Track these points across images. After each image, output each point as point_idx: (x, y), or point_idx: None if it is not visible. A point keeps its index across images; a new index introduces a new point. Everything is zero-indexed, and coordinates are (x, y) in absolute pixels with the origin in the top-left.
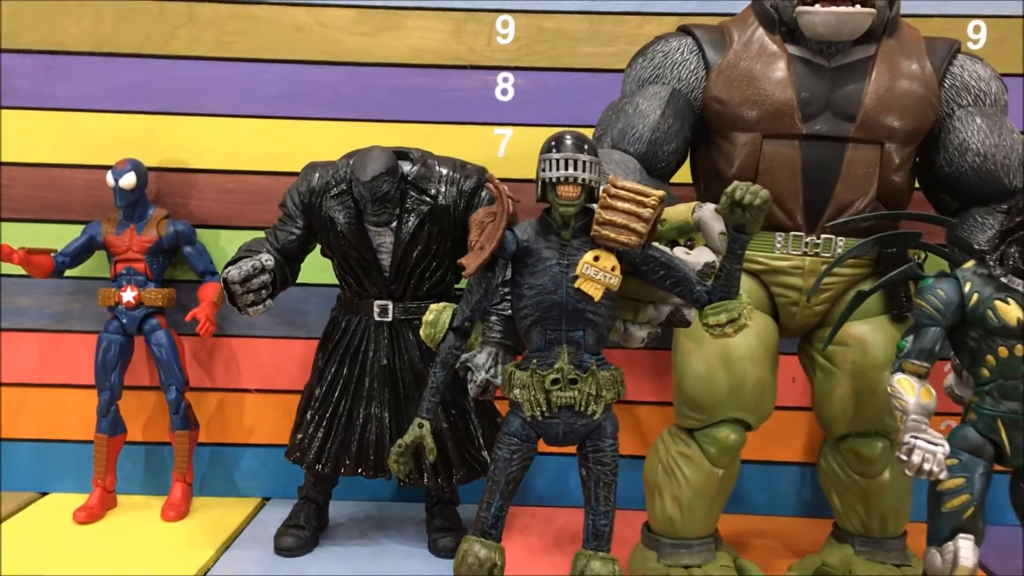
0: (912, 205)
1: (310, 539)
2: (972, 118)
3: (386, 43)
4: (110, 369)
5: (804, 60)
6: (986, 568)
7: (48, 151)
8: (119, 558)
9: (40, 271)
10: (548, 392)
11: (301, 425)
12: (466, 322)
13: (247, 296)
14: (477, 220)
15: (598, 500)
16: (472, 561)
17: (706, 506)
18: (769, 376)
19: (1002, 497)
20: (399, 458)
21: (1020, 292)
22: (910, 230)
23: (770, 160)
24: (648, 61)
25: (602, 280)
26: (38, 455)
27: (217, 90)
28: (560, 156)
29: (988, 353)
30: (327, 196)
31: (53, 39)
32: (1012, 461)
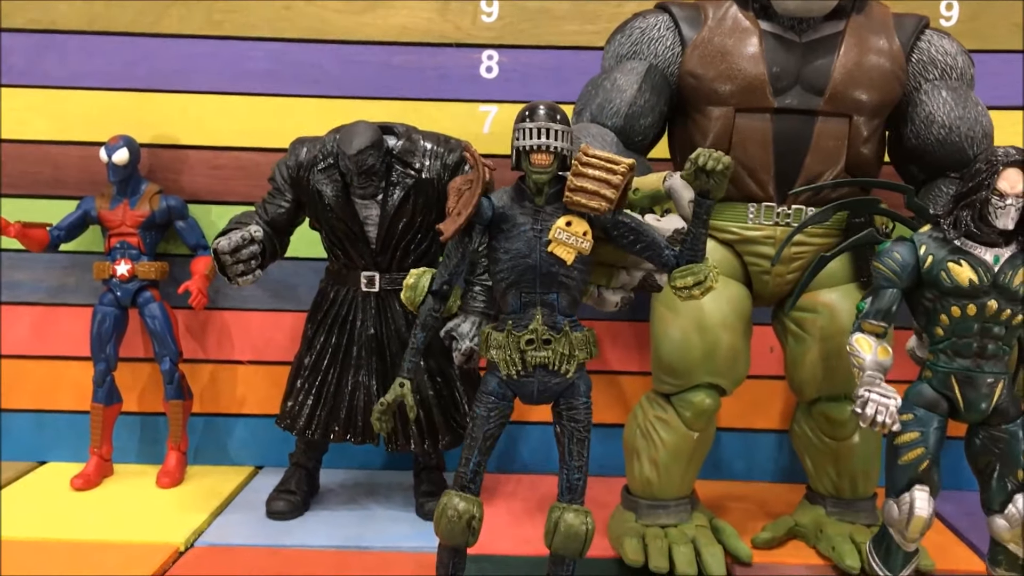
0: (882, 177)
1: (301, 504)
2: (938, 91)
3: (372, 22)
4: (105, 341)
5: (776, 36)
6: (958, 531)
7: (43, 128)
8: (115, 523)
9: (36, 244)
10: (523, 352)
11: (291, 393)
12: (444, 286)
13: (237, 266)
14: (455, 187)
15: (571, 455)
16: (452, 514)
17: (682, 468)
18: (742, 342)
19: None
20: (381, 416)
21: (972, 254)
22: (870, 197)
23: (743, 133)
24: (626, 37)
25: (574, 244)
26: (36, 425)
27: (207, 68)
28: (533, 125)
29: (942, 313)
30: (314, 170)
31: (46, 18)
32: (965, 416)
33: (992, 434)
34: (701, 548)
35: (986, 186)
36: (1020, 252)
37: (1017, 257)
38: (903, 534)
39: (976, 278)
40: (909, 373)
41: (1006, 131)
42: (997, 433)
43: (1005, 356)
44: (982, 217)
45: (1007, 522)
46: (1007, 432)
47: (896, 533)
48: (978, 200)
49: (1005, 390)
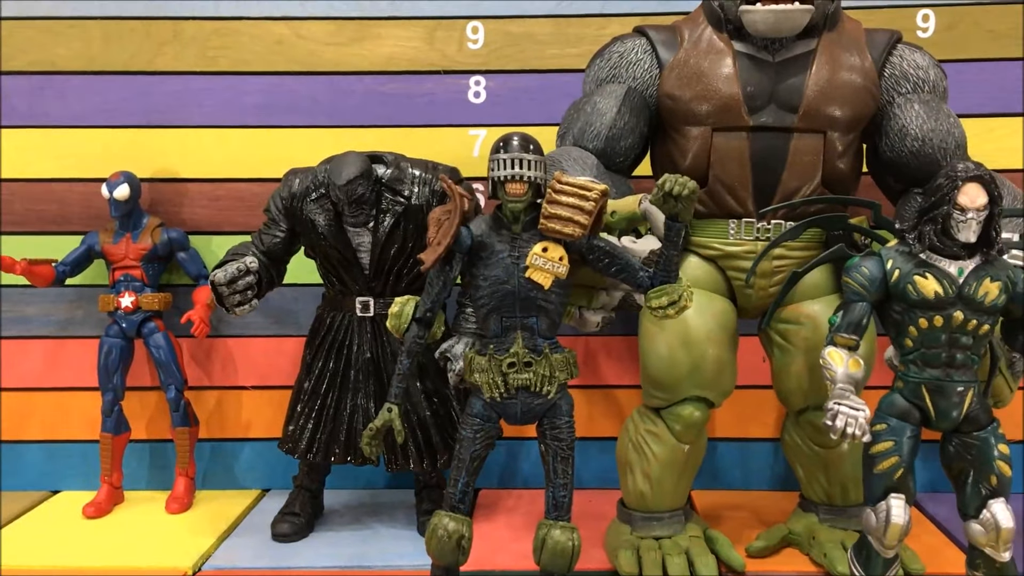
0: (861, 189)
1: (305, 525)
2: (911, 105)
3: (361, 52)
4: (112, 371)
5: (749, 56)
6: (949, 533)
7: (45, 167)
8: (125, 550)
9: (42, 280)
10: (505, 375)
11: (292, 417)
12: (428, 313)
13: (233, 297)
14: (434, 218)
15: (556, 473)
16: (442, 534)
17: (674, 480)
18: (728, 355)
19: None
20: (371, 441)
21: (937, 267)
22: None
23: (720, 151)
24: (605, 61)
25: (551, 269)
26: (47, 455)
27: (202, 103)
28: (507, 156)
29: (911, 324)
30: (307, 200)
31: (45, 60)
32: (937, 424)
33: (964, 441)
34: (694, 558)
35: (947, 201)
36: (984, 264)
37: (981, 269)
38: (881, 541)
39: (941, 290)
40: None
41: (982, 138)
42: (969, 440)
43: (974, 365)
44: (945, 231)
45: (982, 527)
46: (979, 439)
47: (875, 540)
48: (940, 215)
49: (975, 398)
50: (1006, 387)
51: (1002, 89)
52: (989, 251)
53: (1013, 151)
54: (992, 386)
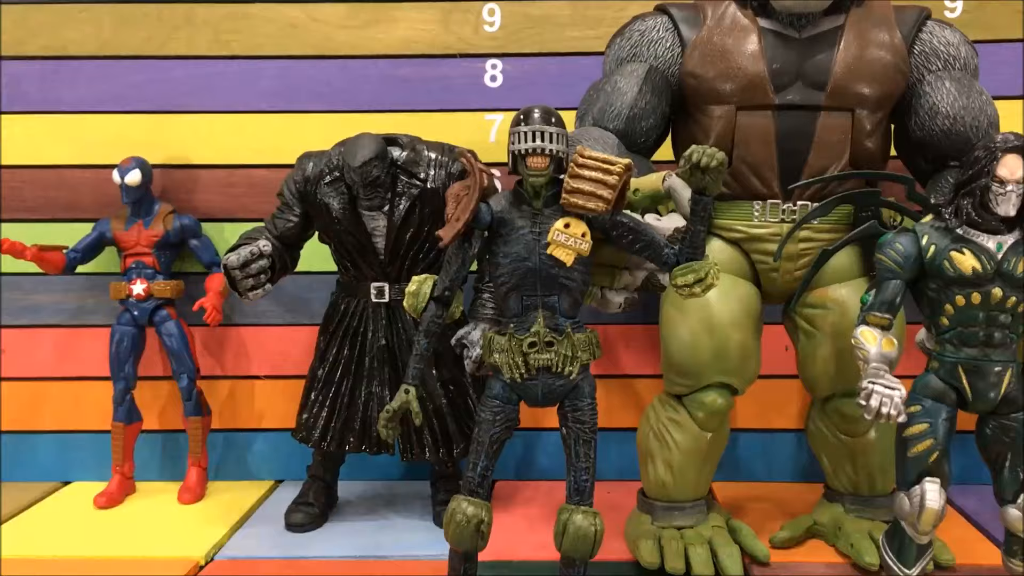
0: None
1: (319, 515)
2: (941, 82)
3: (376, 36)
4: (124, 360)
5: (775, 32)
6: (979, 526)
7: (57, 153)
8: (137, 540)
9: (53, 267)
10: (526, 355)
11: (306, 406)
12: (446, 292)
13: (246, 281)
14: (453, 194)
15: (578, 457)
16: (460, 518)
17: (696, 469)
18: (752, 341)
19: None
20: (387, 423)
21: (974, 242)
22: (871, 189)
23: (745, 131)
24: (626, 40)
25: (573, 246)
26: (60, 446)
27: (216, 87)
28: (528, 129)
29: (946, 302)
30: (321, 184)
31: (56, 45)
32: (974, 406)
33: (1002, 423)
34: (718, 549)
35: (986, 173)
36: (1023, 239)
37: (1020, 244)
38: (915, 527)
39: (979, 266)
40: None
41: (1011, 120)
42: (1007, 422)
43: (1013, 344)
44: (983, 204)
45: (1020, 512)
46: (1017, 421)
47: (908, 527)
48: (978, 187)
49: (1014, 378)
50: None
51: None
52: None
53: None
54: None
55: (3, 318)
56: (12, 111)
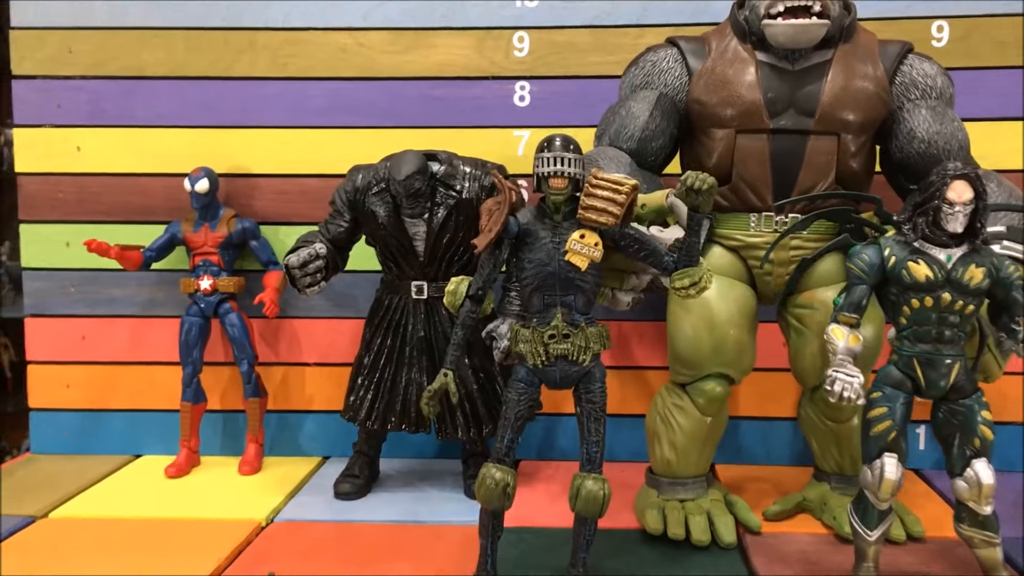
0: (875, 187)
1: (363, 486)
2: (919, 110)
3: (416, 60)
4: (192, 346)
5: (771, 65)
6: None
7: (133, 163)
8: (204, 504)
9: (132, 264)
10: (546, 345)
11: (353, 389)
12: (479, 291)
13: (305, 279)
14: (486, 208)
15: (590, 432)
16: (490, 482)
17: (698, 449)
18: (747, 336)
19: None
20: (429, 401)
21: (928, 254)
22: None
23: (743, 152)
24: (639, 69)
25: (587, 253)
26: (131, 424)
27: (274, 106)
28: (550, 155)
29: (904, 305)
30: (369, 193)
31: (134, 66)
32: (927, 393)
33: (952, 408)
34: (714, 518)
35: (938, 196)
36: (970, 252)
37: (967, 256)
38: (876, 495)
39: (932, 274)
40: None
41: (992, 140)
42: (956, 407)
43: (960, 341)
44: (935, 223)
45: (966, 483)
46: (964, 406)
47: (871, 495)
48: (931, 208)
49: (961, 370)
50: (995, 363)
51: (1010, 95)
52: (975, 240)
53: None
54: (981, 362)
55: (84, 309)
56: (93, 125)
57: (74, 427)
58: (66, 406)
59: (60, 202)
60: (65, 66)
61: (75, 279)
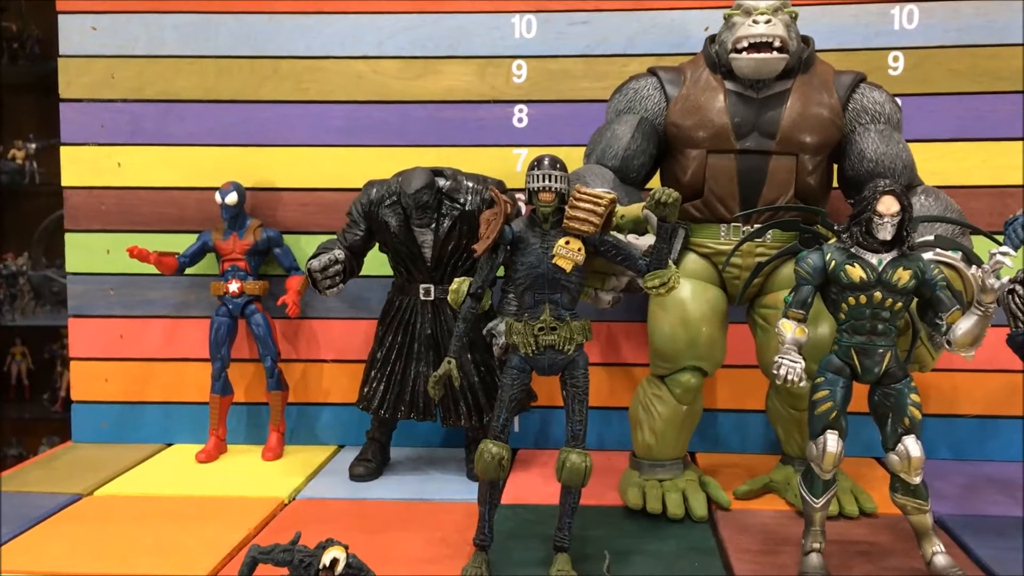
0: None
1: (376, 469)
2: (868, 132)
3: (425, 85)
4: (221, 344)
5: (737, 93)
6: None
7: (168, 177)
8: (232, 485)
9: (168, 269)
10: (536, 336)
11: (367, 381)
12: (479, 289)
13: (325, 281)
14: (485, 218)
15: (574, 412)
16: (487, 456)
17: (675, 434)
18: (718, 333)
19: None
20: (435, 384)
21: (862, 258)
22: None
23: (713, 170)
24: (623, 96)
25: (571, 257)
26: (165, 415)
27: (295, 126)
28: (540, 172)
29: (843, 302)
30: (382, 206)
31: (170, 90)
32: (863, 378)
33: (885, 391)
34: (689, 495)
35: (869, 208)
36: (899, 257)
37: (896, 260)
38: (820, 467)
39: (865, 276)
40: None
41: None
42: (888, 391)
43: (892, 333)
44: (868, 231)
45: (898, 457)
46: (895, 390)
47: (816, 467)
48: (864, 219)
49: (893, 358)
50: (928, 355)
51: (960, 118)
52: (902, 247)
53: (968, 171)
54: (914, 354)
55: (121, 310)
56: (133, 143)
57: (112, 418)
58: (105, 399)
59: (102, 213)
60: (108, 90)
61: (114, 283)
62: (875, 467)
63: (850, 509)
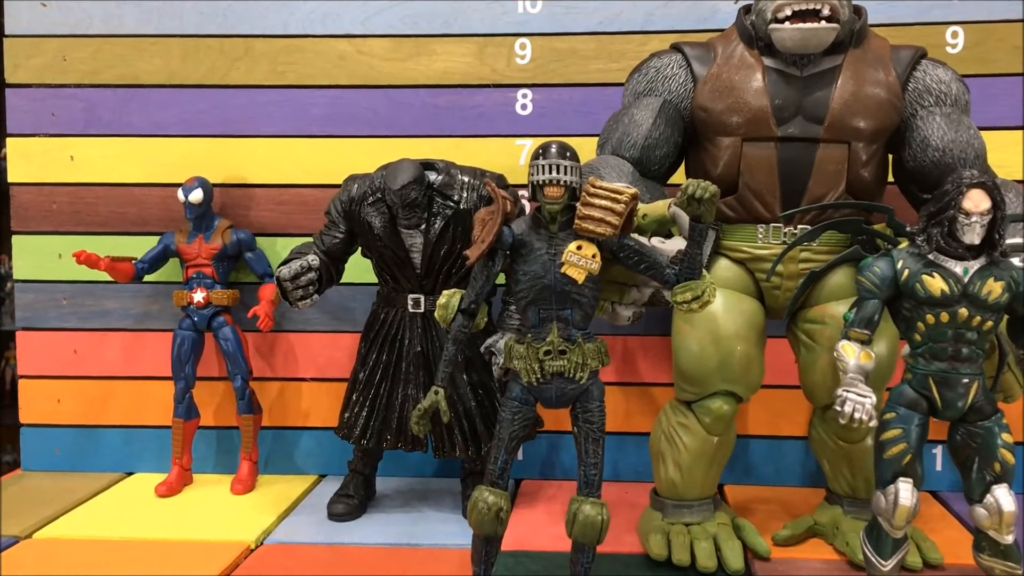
0: (888, 197)
1: (358, 506)
2: (933, 117)
3: (417, 67)
4: (184, 361)
5: (778, 71)
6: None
7: (129, 172)
8: (193, 525)
9: (123, 276)
10: (542, 362)
11: (348, 405)
12: (472, 304)
13: (296, 292)
14: (479, 218)
15: (587, 453)
16: (482, 506)
17: (703, 470)
18: (755, 351)
19: None
20: (419, 420)
21: (943, 267)
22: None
23: (750, 160)
24: (642, 76)
25: (584, 265)
26: (125, 440)
27: (271, 114)
28: (546, 162)
29: (919, 320)
30: (365, 204)
31: (130, 74)
32: (943, 414)
33: (970, 430)
34: (721, 543)
35: (953, 205)
36: (988, 265)
37: (985, 269)
38: (890, 522)
39: (947, 288)
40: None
41: (1009, 149)
42: (975, 429)
43: (979, 359)
44: (951, 233)
45: (986, 511)
46: (983, 428)
47: (884, 522)
48: (946, 218)
49: (980, 390)
50: (1016, 383)
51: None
52: (993, 252)
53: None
54: (1001, 381)
55: (75, 322)
56: (88, 134)
57: (66, 443)
58: (58, 422)
59: (54, 213)
60: (60, 74)
61: (67, 291)
62: (932, 504)
63: (912, 560)
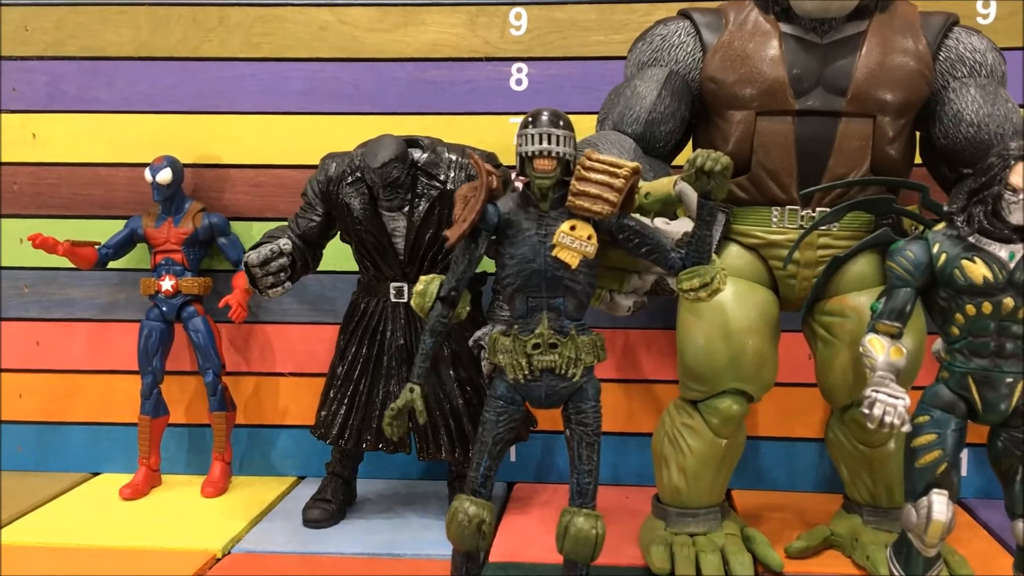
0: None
1: (336, 512)
2: (967, 89)
3: (404, 39)
4: (151, 354)
5: (796, 38)
6: (1002, 541)
7: (94, 151)
8: (158, 531)
9: (85, 262)
10: (529, 356)
11: (325, 403)
12: (452, 292)
13: (266, 279)
14: (461, 195)
15: (581, 459)
16: (462, 518)
17: (711, 476)
18: (769, 347)
19: None
20: (392, 421)
21: (986, 251)
22: (883, 195)
23: (764, 136)
24: (647, 45)
25: (578, 248)
26: (91, 437)
27: (247, 89)
28: (535, 131)
29: (957, 312)
30: (343, 184)
31: (95, 46)
32: (984, 417)
33: (1014, 436)
34: (729, 556)
35: (998, 181)
36: None
37: None
38: (922, 539)
39: (991, 275)
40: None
41: None
42: (1019, 435)
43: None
44: (995, 213)
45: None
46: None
47: (915, 538)
48: (991, 195)
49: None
50: None
51: None
52: None
53: None
54: None
55: (38, 311)
56: (51, 110)
57: (29, 441)
58: (20, 418)
59: (14, 195)
60: (20, 46)
61: (29, 279)
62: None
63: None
